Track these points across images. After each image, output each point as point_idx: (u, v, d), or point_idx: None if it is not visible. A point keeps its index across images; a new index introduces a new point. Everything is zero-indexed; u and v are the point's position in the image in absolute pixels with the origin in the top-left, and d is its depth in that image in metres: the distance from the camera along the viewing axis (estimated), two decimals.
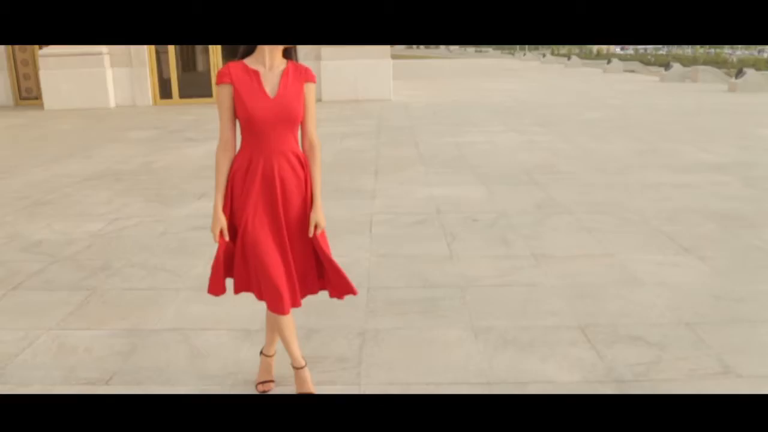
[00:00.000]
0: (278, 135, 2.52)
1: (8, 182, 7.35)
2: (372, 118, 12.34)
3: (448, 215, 5.50)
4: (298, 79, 2.55)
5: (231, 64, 2.52)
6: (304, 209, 2.62)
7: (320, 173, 2.65)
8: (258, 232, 2.54)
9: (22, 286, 4.11)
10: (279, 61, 2.55)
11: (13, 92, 18.35)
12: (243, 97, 2.48)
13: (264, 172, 2.52)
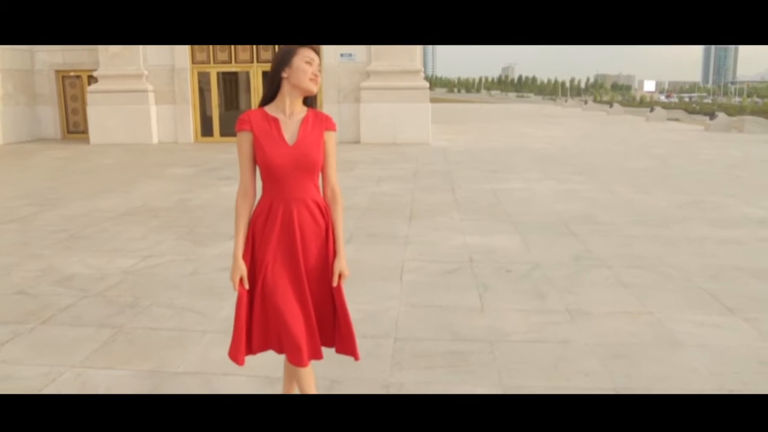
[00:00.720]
0: (297, 182, 2.49)
1: (49, 214, 7.50)
2: (409, 162, 12.35)
3: (481, 264, 5.39)
4: (318, 127, 2.53)
5: (251, 112, 2.52)
6: (324, 258, 2.56)
7: (342, 221, 2.61)
8: (277, 282, 2.49)
9: (51, 320, 4.12)
10: (299, 109, 2.54)
11: (62, 126, 18.97)
12: (262, 144, 2.47)
13: (283, 219, 2.49)
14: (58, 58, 18.44)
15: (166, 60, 16.89)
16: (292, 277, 2.51)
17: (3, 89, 17.26)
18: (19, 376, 3.34)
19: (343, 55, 16.25)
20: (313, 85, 2.48)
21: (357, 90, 16.25)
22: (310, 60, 2.46)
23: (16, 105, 17.82)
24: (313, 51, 2.49)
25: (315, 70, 2.47)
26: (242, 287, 2.51)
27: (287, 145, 2.46)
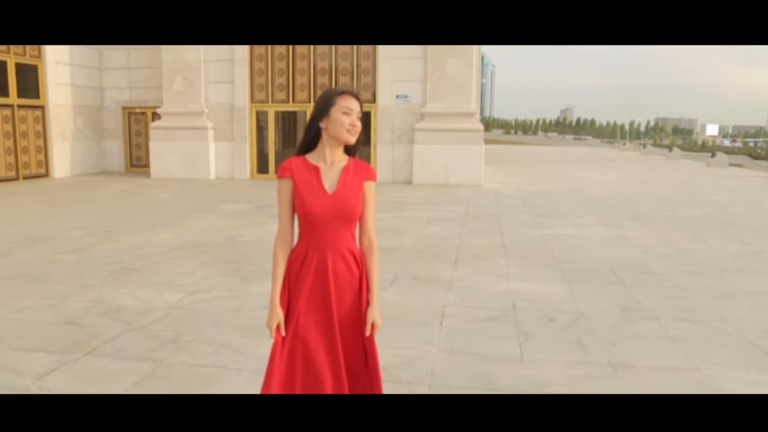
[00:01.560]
0: (334, 231, 2.51)
1: (104, 246, 7.76)
2: (460, 204, 12.32)
3: (523, 312, 5.29)
4: (358, 176, 2.55)
5: (292, 159, 2.56)
6: (357, 308, 2.56)
7: (377, 271, 2.61)
8: (308, 331, 2.50)
9: (95, 351, 4.24)
10: (340, 158, 2.57)
11: (126, 159, 19.69)
12: (302, 191, 2.49)
13: (318, 268, 2.50)
14: (126, 95, 19.27)
15: (226, 98, 17.44)
16: (323, 327, 2.51)
17: (74, 124, 18.10)
18: None
19: (399, 97, 16.46)
20: (350, 137, 2.50)
21: (411, 131, 16.40)
22: (348, 110, 2.48)
23: (85, 139, 18.64)
24: (352, 99, 2.50)
25: (353, 121, 2.49)
26: (278, 334, 2.52)
27: (326, 194, 2.48)
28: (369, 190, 2.57)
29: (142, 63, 18.90)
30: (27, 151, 16.45)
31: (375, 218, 2.62)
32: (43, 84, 16.86)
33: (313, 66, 17.02)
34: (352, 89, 2.56)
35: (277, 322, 2.51)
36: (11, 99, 15.89)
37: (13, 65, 15.90)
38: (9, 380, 3.77)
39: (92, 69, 18.80)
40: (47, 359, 4.08)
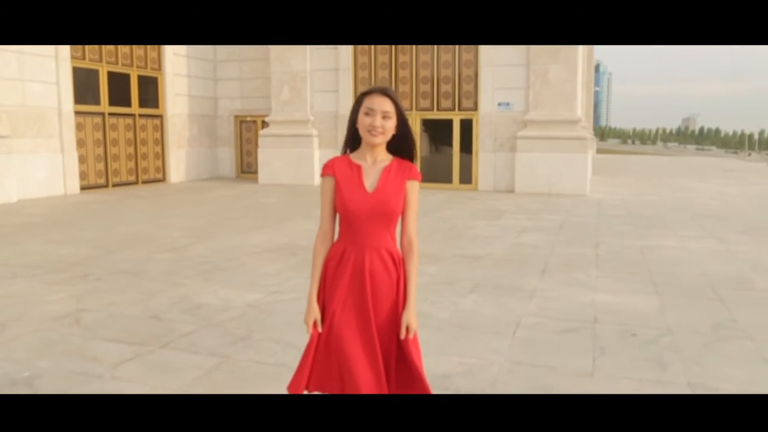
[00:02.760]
0: (373, 230, 2.48)
1: (201, 246, 8.13)
2: (558, 214, 11.93)
3: (604, 326, 5.02)
4: (400, 176, 2.51)
5: (336, 158, 2.56)
6: (395, 309, 2.51)
7: (417, 273, 2.55)
8: (344, 329, 2.47)
9: (170, 345, 4.43)
10: (383, 157, 2.54)
11: (237, 166, 20.58)
12: (342, 189, 2.49)
13: (355, 266, 2.48)
14: (237, 105, 20.18)
15: (330, 107, 17.86)
16: (360, 325, 2.48)
17: (189, 132, 19.16)
18: (123, 392, 3.61)
19: (501, 104, 16.20)
20: (371, 137, 2.46)
21: (513, 139, 16.08)
22: (368, 110, 2.45)
23: (200, 146, 19.67)
24: (377, 98, 2.45)
25: (373, 121, 2.44)
26: (315, 330, 2.53)
27: (366, 192, 2.47)
28: (411, 190, 2.52)
29: (253, 74, 19.73)
30: (146, 158, 17.58)
31: (417, 219, 2.56)
32: (162, 95, 17.98)
33: (415, 74, 17.09)
34: (381, 87, 2.51)
35: (314, 318, 2.52)
36: (133, 109, 17.05)
37: (135, 77, 17.06)
38: (88, 367, 4.00)
39: (207, 80, 19.84)
40: (125, 350, 4.31)
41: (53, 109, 14.52)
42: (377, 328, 2.49)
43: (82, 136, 15.47)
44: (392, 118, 2.46)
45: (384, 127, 2.45)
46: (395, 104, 2.46)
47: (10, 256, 7.55)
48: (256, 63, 19.54)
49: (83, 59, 15.42)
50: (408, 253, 2.54)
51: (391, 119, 2.46)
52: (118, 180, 16.62)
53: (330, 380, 2.58)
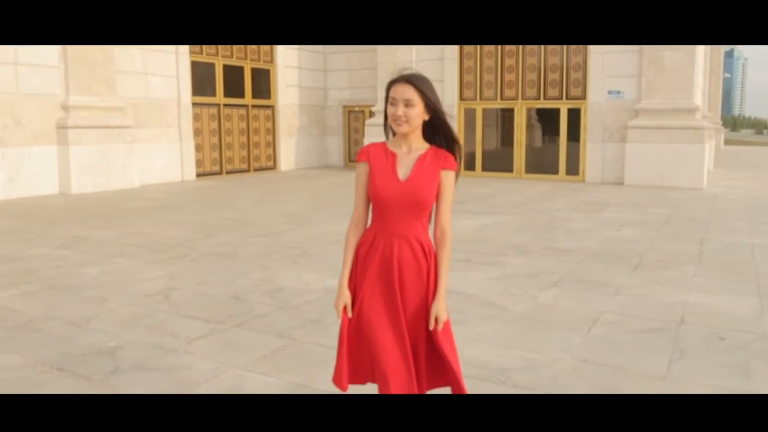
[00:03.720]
0: (403, 219, 2.47)
1: (296, 232, 8.40)
2: (667, 207, 11.30)
3: (691, 327, 4.73)
4: (435, 165, 2.48)
5: (372, 144, 2.57)
6: (424, 299, 2.50)
7: (448, 263, 2.52)
8: (372, 316, 2.48)
9: (244, 324, 4.64)
10: (418, 145, 2.52)
11: (345, 155, 21.02)
12: (375, 176, 2.49)
13: (383, 254, 2.48)
14: (346, 95, 20.59)
15: None
16: (389, 313, 2.48)
17: (299, 122, 19.78)
18: (192, 366, 3.83)
19: (611, 93, 15.52)
20: (396, 127, 2.44)
21: (623, 129, 15.37)
22: (392, 100, 2.43)
23: (309, 136, 20.26)
24: (400, 86, 2.42)
25: (396, 111, 2.42)
26: (345, 315, 2.56)
27: (398, 180, 2.46)
28: (446, 179, 2.49)
29: (360, 65, 20.04)
30: (258, 146, 18.34)
31: (451, 208, 2.53)
32: (274, 86, 18.67)
33: (522, 62, 16.70)
34: (406, 74, 2.46)
35: (344, 303, 2.55)
36: (246, 100, 17.82)
37: (249, 70, 17.81)
38: (165, 341, 4.28)
39: (317, 71, 20.36)
40: (202, 327, 4.56)
41: (173, 101, 15.47)
42: (406, 317, 2.48)
43: (199, 126, 16.37)
44: (416, 106, 2.42)
45: (407, 115, 2.41)
46: (419, 91, 2.42)
47: (122, 236, 8.15)
48: (364, 54, 19.83)
49: (201, 53, 16.29)
50: (440, 244, 2.51)
51: (415, 107, 2.42)
52: (231, 167, 17.47)
53: (362, 368, 2.61)
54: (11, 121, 12.15)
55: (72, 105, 12.90)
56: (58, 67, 12.85)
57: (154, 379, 3.65)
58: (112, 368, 3.81)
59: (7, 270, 6.33)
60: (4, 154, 12.05)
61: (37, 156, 12.57)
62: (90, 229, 8.70)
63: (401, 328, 2.47)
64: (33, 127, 12.49)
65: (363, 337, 2.53)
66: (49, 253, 7.12)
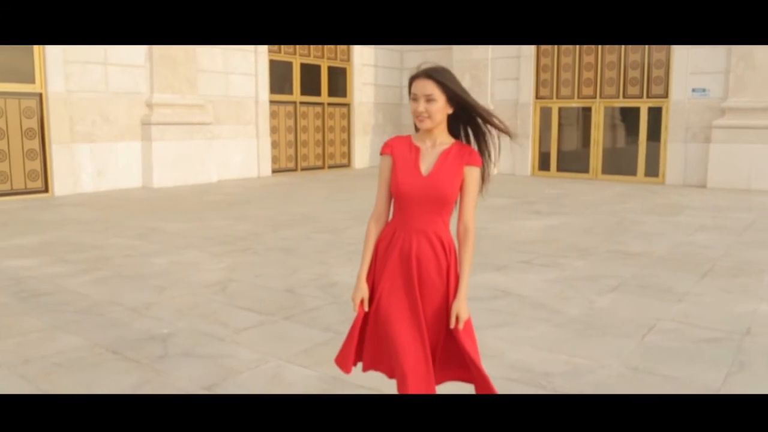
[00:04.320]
0: (423, 214, 2.46)
1: (358, 229, 8.47)
2: (751, 212, 10.70)
3: (756, 339, 4.47)
4: (458, 160, 2.45)
5: (397, 137, 2.57)
6: (443, 296, 2.48)
7: (470, 261, 2.49)
8: (391, 310, 2.49)
9: (293, 317, 4.73)
10: (443, 139, 2.50)
11: None
12: (397, 170, 2.49)
13: (402, 249, 2.48)
14: None
15: (510, 95, 17.56)
16: (408, 309, 2.48)
17: (374, 120, 19.92)
18: (236, 355, 3.94)
19: (695, 90, 14.82)
20: (418, 123, 2.44)
21: (707, 129, 14.64)
22: (413, 96, 2.43)
23: (384, 134, 20.36)
24: (420, 81, 2.41)
25: (417, 107, 2.41)
26: (361, 308, 2.58)
27: (420, 174, 2.45)
28: (470, 175, 2.46)
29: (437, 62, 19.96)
30: (333, 144, 18.61)
31: (475, 205, 2.50)
32: (350, 84, 18.88)
33: (601, 60, 16.20)
34: (426, 68, 2.44)
35: (361, 296, 2.56)
36: (322, 98, 18.11)
37: (325, 68, 18.09)
38: (215, 330, 4.42)
39: (393, 69, 20.44)
40: (252, 318, 4.69)
41: (251, 99, 15.91)
42: (426, 314, 2.47)
43: (276, 124, 16.77)
44: (438, 100, 2.40)
45: (429, 111, 2.40)
46: (439, 84, 2.39)
47: (192, 228, 8.47)
48: (440, 51, 19.75)
49: (279, 52, 16.68)
50: (462, 241, 2.49)
51: (436, 101, 2.40)
52: (306, 164, 17.80)
53: (382, 361, 2.63)
54: (100, 117, 12.83)
55: (156, 103, 13.50)
56: (144, 67, 13.47)
57: (198, 366, 3.79)
58: (162, 353, 3.98)
59: (83, 257, 6.70)
60: (93, 149, 12.74)
61: (123, 151, 13.22)
62: (165, 221, 9.08)
63: (420, 326, 2.46)
64: (120, 124, 13.15)
65: (381, 332, 2.54)
66: (124, 243, 7.48)
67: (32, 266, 6.29)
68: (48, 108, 12.02)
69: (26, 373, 3.67)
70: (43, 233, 8.12)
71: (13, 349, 4.04)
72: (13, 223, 8.95)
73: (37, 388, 3.48)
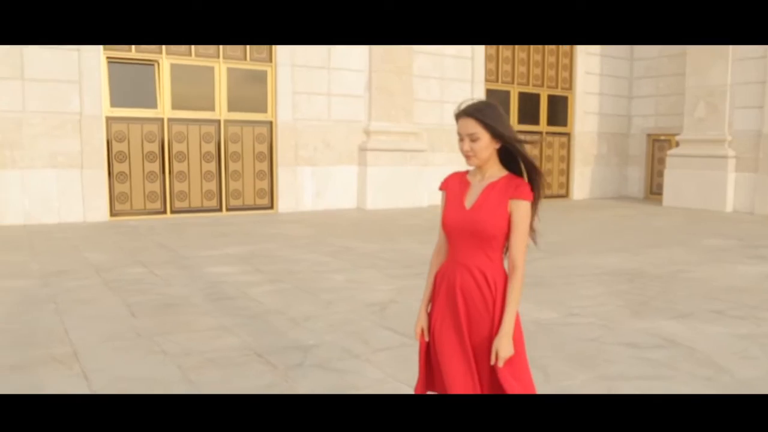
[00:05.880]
0: (467, 248, 2.44)
1: (547, 261, 8.22)
2: None
3: None
4: (503, 194, 2.40)
5: (454, 173, 2.60)
6: (488, 331, 2.41)
7: (516, 298, 2.39)
8: (442, 341, 2.50)
9: None
10: (492, 173, 2.47)
11: (646, 186, 19.73)
12: (447, 205, 2.54)
13: (449, 282, 2.49)
14: (651, 123, 19.29)
15: (752, 125, 15.72)
16: (457, 341, 2.48)
17: (597, 150, 19.13)
18: (362, 373, 4.09)
19: None
20: (467, 161, 2.43)
21: None
22: (459, 135, 2.42)
23: (607, 165, 19.46)
24: (462, 120, 2.40)
25: (464, 146, 2.41)
26: (422, 338, 2.61)
27: (464, 208, 2.45)
28: (516, 210, 2.38)
29: (668, 90, 18.62)
30: (550, 174, 18.20)
31: (524, 240, 2.40)
32: (571, 113, 18.38)
33: None
34: (464, 107, 2.42)
35: (420, 327, 2.60)
36: (541, 127, 17.86)
37: (545, 97, 17.84)
38: (355, 346, 4.63)
39: (620, 98, 19.46)
40: (394, 340, 4.83)
41: None
42: (474, 348, 2.43)
43: None
44: (481, 138, 2.38)
45: (473, 149, 2.39)
46: (481, 122, 2.36)
47: (382, 250, 8.90)
48: (673, 78, 18.38)
49: (496, 81, 16.84)
50: (509, 277, 2.41)
51: (480, 140, 2.38)
52: None
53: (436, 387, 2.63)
54: (322, 143, 14.06)
55: (372, 130, 14.42)
56: (363, 97, 14.50)
57: (324, 378, 4.01)
58: (299, 362, 4.29)
59: (275, 269, 7.41)
60: (314, 172, 13.98)
61: (340, 174, 14.31)
62: (361, 241, 9.66)
63: (468, 358, 2.44)
64: (339, 149, 14.27)
65: (434, 363, 2.56)
66: (316, 259, 8.12)
67: (230, 273, 7.12)
68: (277, 134, 13.49)
69: (182, 364, 4.19)
70: (254, 245, 9.12)
71: (182, 342, 4.64)
72: (233, 235, 10.17)
73: (184, 378, 3.97)
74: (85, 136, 11.57)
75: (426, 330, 2.59)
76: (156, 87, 12.47)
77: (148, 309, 5.57)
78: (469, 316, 2.44)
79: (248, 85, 13.32)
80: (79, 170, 11.59)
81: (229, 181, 13.23)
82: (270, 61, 13.48)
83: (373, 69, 14.54)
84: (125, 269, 7.29)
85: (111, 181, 12.04)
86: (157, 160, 12.50)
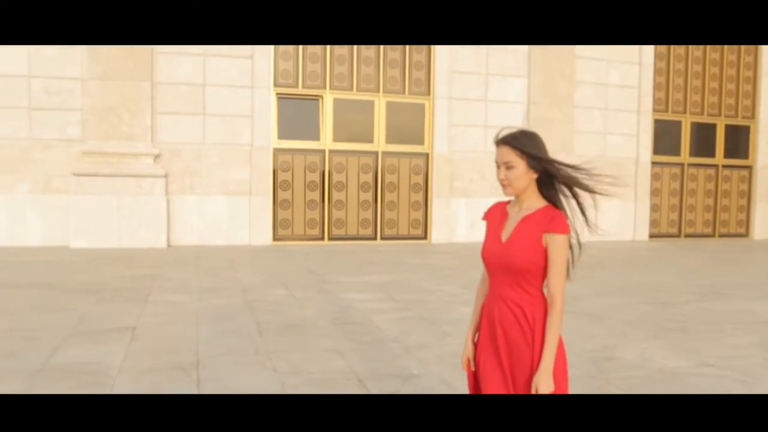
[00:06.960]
0: (503, 281, 2.40)
1: (694, 305, 7.60)
2: None
3: None
4: (537, 227, 2.34)
5: (496, 203, 2.56)
6: (528, 366, 2.35)
7: (555, 334, 2.30)
8: (485, 371, 2.48)
9: None
10: (529, 204, 2.42)
11: None
12: (486, 235, 2.52)
13: (489, 314, 2.47)
14: None
15: None
16: (500, 373, 2.46)
17: None
18: None
19: None
20: (503, 190, 2.38)
21: None
22: (496, 163, 2.38)
23: None
24: (498, 148, 2.36)
25: (500, 175, 2.37)
26: (469, 368, 2.60)
27: (500, 241, 2.42)
28: (552, 243, 2.31)
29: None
30: (727, 210, 16.70)
31: (562, 275, 2.31)
32: (753, 144, 16.77)
33: None
34: (501, 135, 2.37)
35: (466, 356, 2.59)
36: (717, 159, 16.48)
37: (722, 127, 16.46)
38: (455, 378, 4.61)
39: None
40: None
41: (631, 159, 15.45)
42: (514, 380, 2.39)
43: (658, 186, 15.89)
44: (517, 167, 2.33)
45: (509, 178, 2.35)
46: (517, 150, 2.31)
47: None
48: None
49: (666, 111, 15.86)
50: (548, 311, 2.32)
51: (515, 168, 2.33)
52: (691, 231, 16.35)
53: None
54: (477, 175, 14.09)
55: None
56: None
57: None
58: (395, 390, 4.36)
59: (407, 298, 7.56)
60: (468, 203, 14.04)
61: None
62: None
63: (510, 392, 2.39)
64: (493, 180, 14.16)
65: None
66: (450, 290, 8.16)
67: (363, 300, 7.38)
68: (432, 166, 13.75)
69: (286, 382, 4.45)
70: (397, 274, 9.36)
71: (294, 361, 4.92)
72: (381, 263, 10.51)
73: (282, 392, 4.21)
74: (254, 166, 12.65)
75: (472, 360, 2.58)
76: (319, 120, 13.32)
77: (275, 328, 5.96)
78: (509, 348, 2.41)
79: (406, 118, 13.78)
80: (248, 197, 12.67)
81: (385, 211, 13.70)
82: (428, 95, 13.85)
83: (532, 101, 14.38)
84: (268, 290, 7.84)
85: (275, 208, 13.00)
86: (318, 189, 13.29)
